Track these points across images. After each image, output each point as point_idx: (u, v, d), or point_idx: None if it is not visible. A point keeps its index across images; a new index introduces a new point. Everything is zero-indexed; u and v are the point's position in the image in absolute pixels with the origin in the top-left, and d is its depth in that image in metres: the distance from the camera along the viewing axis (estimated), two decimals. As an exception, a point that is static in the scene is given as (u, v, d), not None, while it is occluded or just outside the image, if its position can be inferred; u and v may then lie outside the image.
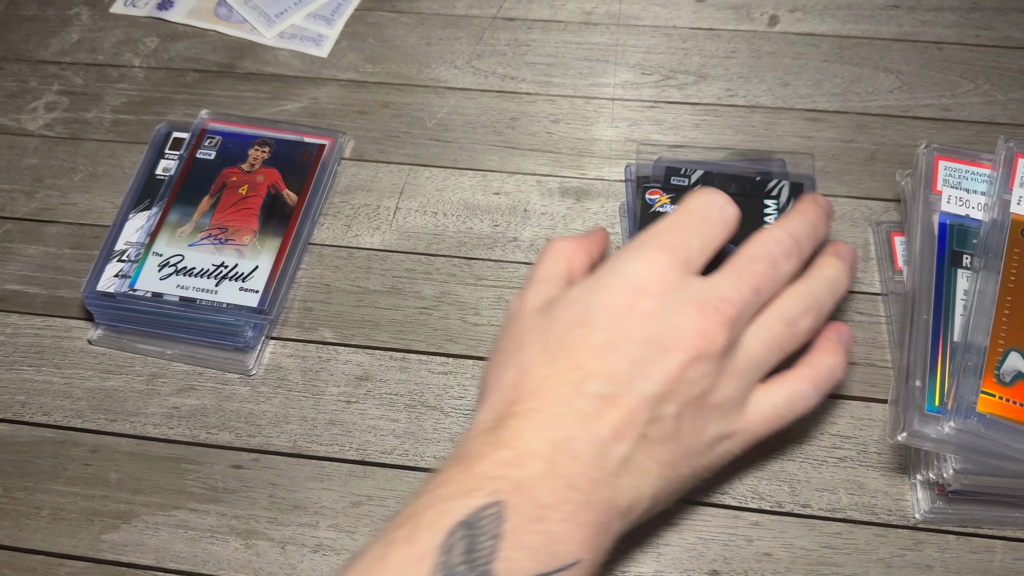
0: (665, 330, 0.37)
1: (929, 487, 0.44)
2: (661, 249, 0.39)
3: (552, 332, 0.38)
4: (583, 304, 0.38)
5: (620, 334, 0.37)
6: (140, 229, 0.52)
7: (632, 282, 0.38)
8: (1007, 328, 0.43)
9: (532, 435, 0.35)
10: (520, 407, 0.36)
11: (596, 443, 0.35)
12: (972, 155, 0.50)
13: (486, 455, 0.35)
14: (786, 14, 0.64)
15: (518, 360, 0.38)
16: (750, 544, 0.44)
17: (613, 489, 0.35)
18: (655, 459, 0.37)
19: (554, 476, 0.34)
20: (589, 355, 0.37)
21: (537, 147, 0.59)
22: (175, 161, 0.55)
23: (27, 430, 0.49)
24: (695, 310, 0.37)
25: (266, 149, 0.55)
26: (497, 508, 0.33)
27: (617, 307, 0.37)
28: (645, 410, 0.36)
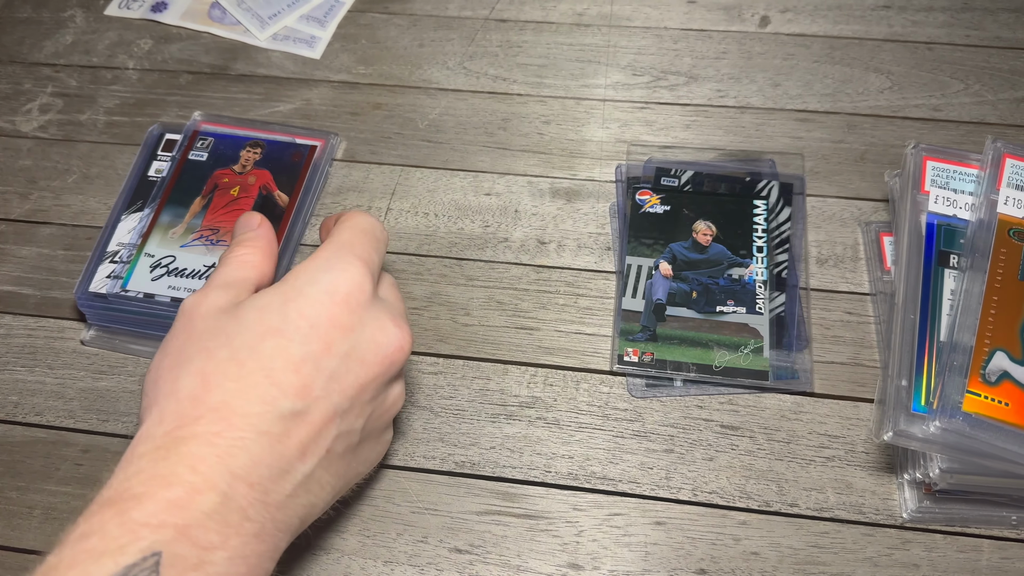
0: (364, 344, 0.36)
1: (916, 486, 0.45)
2: (357, 259, 0.37)
3: (242, 338, 0.35)
4: (278, 312, 0.35)
5: (320, 347, 0.35)
6: (132, 230, 0.53)
7: (334, 293, 0.36)
8: (993, 328, 0.43)
9: (210, 465, 0.31)
10: (199, 428, 0.32)
11: (280, 464, 0.33)
12: (960, 155, 0.50)
13: (149, 495, 0.30)
14: (777, 15, 0.65)
15: (199, 367, 0.34)
16: (738, 543, 0.44)
17: (287, 511, 0.34)
18: (333, 472, 0.36)
19: (227, 510, 0.31)
20: (285, 368, 0.34)
21: (528, 148, 0.59)
22: (167, 163, 0.55)
23: (19, 430, 0.49)
24: (392, 326, 0.37)
25: (258, 150, 0.55)
26: (152, 561, 0.29)
27: (318, 318, 0.35)
28: (335, 425, 0.35)
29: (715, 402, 0.48)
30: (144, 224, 0.53)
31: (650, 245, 0.53)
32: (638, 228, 0.53)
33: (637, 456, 0.47)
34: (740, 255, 0.52)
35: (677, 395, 0.49)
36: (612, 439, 0.47)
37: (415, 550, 0.44)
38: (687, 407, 0.48)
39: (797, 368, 0.48)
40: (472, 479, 0.47)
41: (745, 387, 0.48)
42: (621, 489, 0.46)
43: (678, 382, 0.49)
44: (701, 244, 0.52)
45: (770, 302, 0.50)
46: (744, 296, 0.51)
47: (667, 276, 0.52)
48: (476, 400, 0.49)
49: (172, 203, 0.54)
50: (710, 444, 0.47)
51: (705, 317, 0.50)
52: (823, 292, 0.52)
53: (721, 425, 0.48)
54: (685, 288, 0.51)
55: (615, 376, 0.49)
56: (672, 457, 0.47)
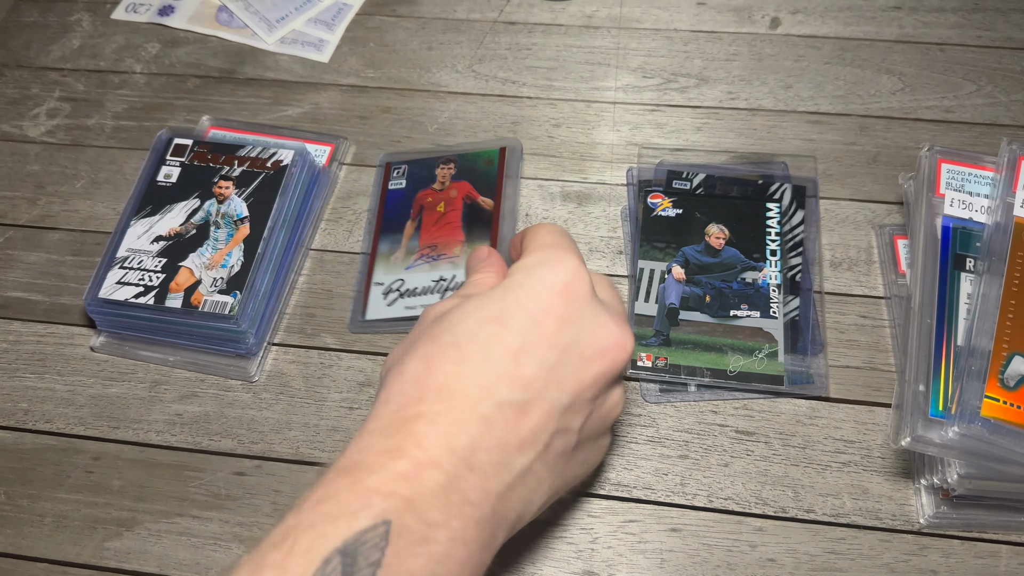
0: (584, 338, 0.35)
1: (933, 492, 0.44)
2: (572, 255, 0.37)
3: (464, 325, 0.35)
4: (499, 302, 0.35)
5: (538, 337, 0.35)
6: (142, 236, 0.52)
7: (551, 284, 0.36)
8: (1011, 332, 0.43)
9: (433, 442, 0.32)
10: (423, 408, 0.33)
11: (500, 452, 0.33)
12: (975, 157, 0.50)
13: (380, 465, 0.32)
14: (787, 16, 0.64)
15: (424, 352, 0.35)
16: (754, 550, 0.44)
17: (506, 501, 0.34)
18: (551, 470, 0.36)
19: (450, 490, 0.32)
20: (503, 356, 0.34)
21: (538, 151, 0.59)
22: (176, 167, 0.55)
23: (30, 437, 0.49)
24: (613, 323, 0.36)
25: (451, 165, 0.56)
26: (382, 529, 0.30)
27: (536, 308, 0.35)
28: (555, 421, 0.35)
29: (730, 407, 0.48)
30: (363, 263, 0.54)
31: (662, 249, 0.52)
32: (650, 232, 0.53)
33: (652, 462, 0.47)
34: (753, 259, 0.52)
35: (691, 400, 0.48)
36: (626, 445, 0.47)
37: (429, 557, 0.44)
38: (701, 412, 0.48)
39: (812, 372, 0.48)
40: (485, 485, 0.46)
41: (760, 392, 0.48)
42: (636, 495, 0.46)
43: (692, 387, 0.48)
44: (714, 248, 0.52)
45: (784, 306, 0.50)
46: (758, 300, 0.50)
47: (680, 280, 0.51)
48: (489, 406, 0.49)
49: (385, 232, 0.55)
50: (725, 450, 0.47)
51: (719, 321, 0.50)
52: (837, 296, 0.51)
53: (736, 430, 0.47)
54: (698, 292, 0.51)
55: (628, 381, 0.49)
56: (687, 463, 0.46)
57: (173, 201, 0.54)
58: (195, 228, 0.52)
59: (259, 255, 0.51)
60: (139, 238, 0.52)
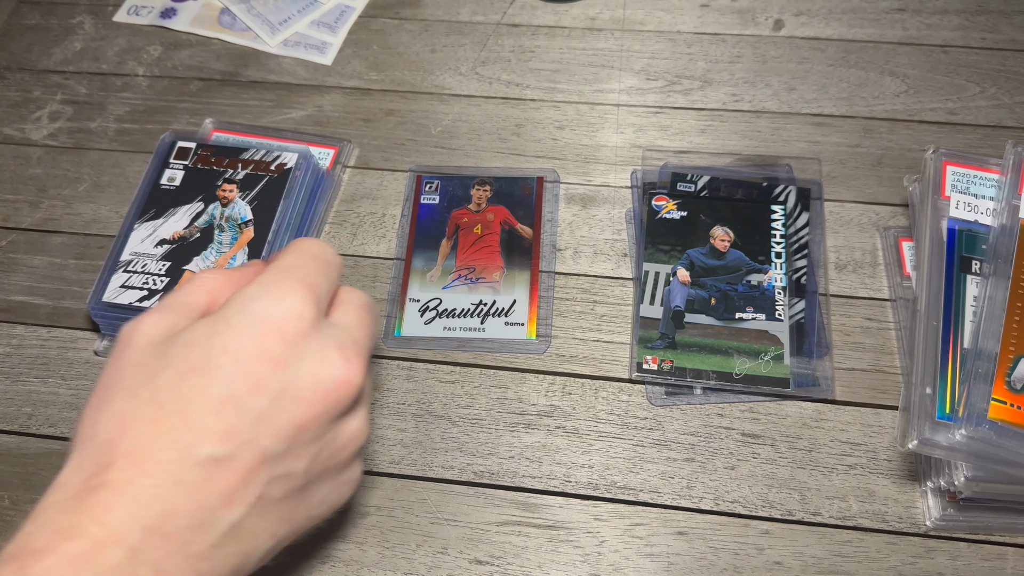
0: (302, 379, 0.32)
1: (940, 494, 0.44)
2: (297, 283, 0.33)
3: (164, 376, 0.32)
4: (203, 347, 0.32)
5: (246, 385, 0.31)
6: (146, 239, 0.52)
7: (265, 322, 0.32)
8: (1017, 334, 0.43)
9: (117, 516, 0.29)
10: (111, 476, 0.30)
11: (200, 514, 0.31)
12: (980, 160, 0.50)
13: (51, 548, 0.28)
14: (791, 18, 0.64)
15: (120, 408, 0.32)
16: (761, 553, 0.44)
17: (213, 561, 0.31)
18: (273, 519, 0.33)
19: (138, 564, 0.29)
20: (205, 410, 0.31)
21: (542, 153, 0.58)
22: (180, 171, 0.55)
23: (33, 442, 0.49)
24: (338, 356, 0.33)
25: (487, 188, 0.56)
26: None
27: (245, 352, 0.32)
28: (266, 470, 0.32)
29: (736, 410, 0.48)
30: (397, 273, 0.54)
31: (667, 251, 0.52)
32: (655, 234, 0.53)
33: (658, 465, 0.47)
34: (759, 261, 0.52)
35: (697, 403, 0.48)
36: (632, 448, 0.47)
37: (435, 561, 0.44)
38: (707, 415, 0.48)
39: (818, 375, 0.48)
40: (491, 489, 0.46)
41: (766, 395, 0.48)
42: (642, 499, 0.46)
43: (698, 390, 0.48)
44: (719, 250, 0.52)
45: (789, 308, 0.50)
46: (763, 303, 0.50)
47: (685, 283, 0.51)
48: (494, 409, 0.49)
49: (419, 248, 0.54)
50: (731, 453, 0.47)
51: (724, 324, 0.50)
52: (843, 298, 0.51)
53: (742, 433, 0.47)
54: (703, 295, 0.51)
55: (634, 384, 0.49)
56: (693, 466, 0.46)
57: (177, 204, 0.53)
58: (199, 231, 0.52)
59: (263, 258, 0.51)
60: (143, 242, 0.52)
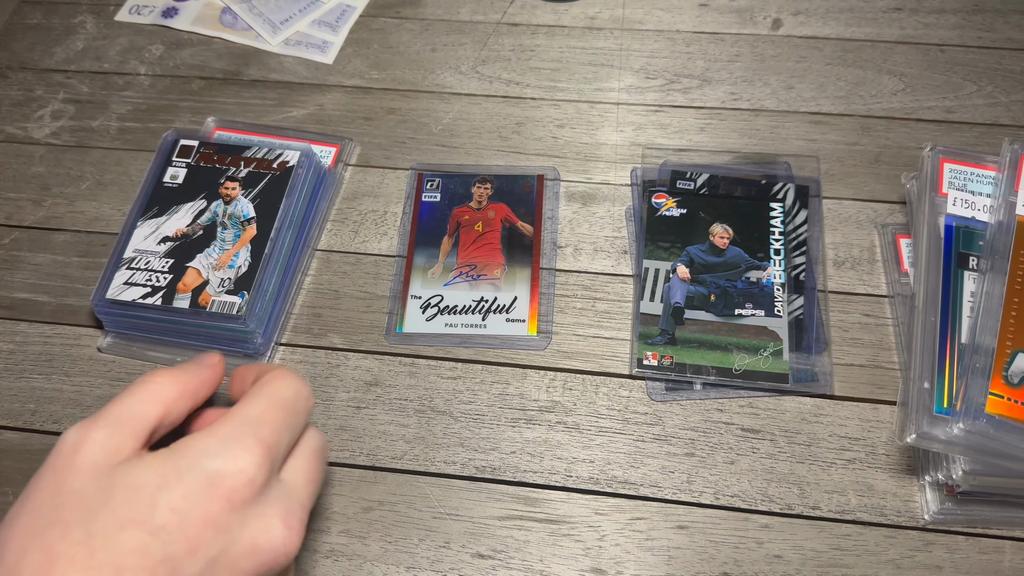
0: (240, 546, 0.32)
1: (938, 488, 0.45)
2: (257, 444, 0.33)
3: (102, 521, 0.31)
4: (149, 499, 0.31)
5: (185, 548, 0.31)
6: (149, 237, 0.52)
7: (215, 486, 0.32)
8: (1015, 329, 0.43)
9: None
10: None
11: None
12: (977, 157, 0.50)
13: None
14: (789, 17, 0.65)
15: (50, 543, 0.30)
16: (760, 546, 0.44)
17: None
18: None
19: None
20: (139, 569, 0.30)
21: (542, 152, 0.59)
22: (183, 168, 0.55)
23: (37, 438, 0.49)
24: (281, 525, 0.33)
25: (487, 186, 0.56)
26: None
27: (188, 514, 0.31)
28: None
29: (735, 405, 0.48)
30: (399, 270, 0.54)
31: (667, 248, 0.53)
32: (655, 231, 0.53)
33: (658, 460, 0.47)
34: (757, 258, 0.52)
35: (697, 398, 0.49)
36: (632, 443, 0.47)
37: (437, 555, 0.44)
38: (707, 410, 0.48)
39: (817, 371, 0.48)
40: (493, 484, 0.46)
41: (765, 390, 0.48)
42: (643, 493, 0.46)
43: (698, 385, 0.49)
44: (718, 247, 0.52)
45: (788, 305, 0.50)
46: (762, 299, 0.51)
47: (685, 279, 0.52)
48: (495, 405, 0.49)
49: (420, 245, 0.55)
50: (731, 447, 0.47)
51: (724, 320, 0.50)
52: (841, 294, 0.52)
53: (742, 428, 0.48)
54: (703, 291, 0.51)
55: (634, 380, 0.49)
56: (693, 461, 0.47)
57: (180, 202, 0.54)
58: (202, 229, 0.53)
59: (266, 255, 0.51)
60: (146, 239, 0.52)
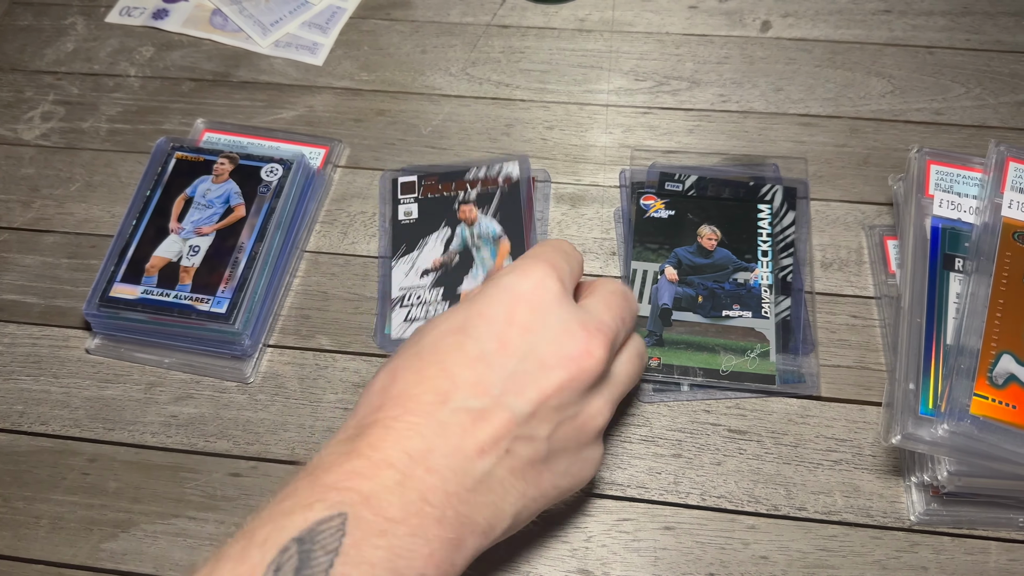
0: (546, 345, 0.36)
1: (924, 489, 0.45)
2: (539, 261, 0.38)
3: (428, 337, 0.37)
4: (462, 313, 0.37)
5: (496, 345, 0.35)
6: (409, 273, 0.53)
7: (513, 292, 0.37)
8: (999, 331, 0.43)
9: (388, 444, 0.33)
10: (381, 415, 0.34)
11: (457, 457, 0.34)
12: (963, 159, 0.50)
13: (337, 465, 0.33)
14: (778, 19, 0.65)
15: (392, 365, 0.37)
16: (747, 547, 0.44)
17: (470, 505, 0.34)
18: (520, 477, 0.36)
19: (407, 488, 0.32)
20: (460, 364, 0.35)
21: (532, 153, 0.59)
22: (414, 204, 0.54)
23: (25, 439, 0.49)
24: (580, 328, 0.36)
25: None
26: (339, 520, 0.31)
27: (496, 316, 0.36)
28: (514, 427, 0.35)
29: (722, 406, 0.48)
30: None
31: (655, 250, 0.53)
32: (643, 233, 0.53)
33: (645, 461, 0.47)
34: (745, 259, 0.52)
35: (684, 400, 0.49)
36: (620, 444, 0.47)
37: (424, 557, 0.44)
38: (694, 411, 0.48)
39: (803, 372, 0.49)
40: (480, 485, 0.46)
41: (752, 391, 0.48)
42: (630, 494, 0.46)
43: (685, 387, 0.49)
44: (706, 249, 0.53)
45: (776, 306, 0.51)
46: (750, 300, 0.51)
47: (673, 281, 0.52)
48: (483, 406, 0.49)
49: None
50: (718, 448, 0.47)
51: (711, 322, 0.50)
52: (828, 296, 0.52)
53: (728, 429, 0.48)
54: (691, 293, 0.51)
55: (622, 381, 0.49)
56: (680, 462, 0.47)
57: (424, 235, 0.54)
58: (457, 255, 0.53)
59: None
60: (406, 276, 0.53)
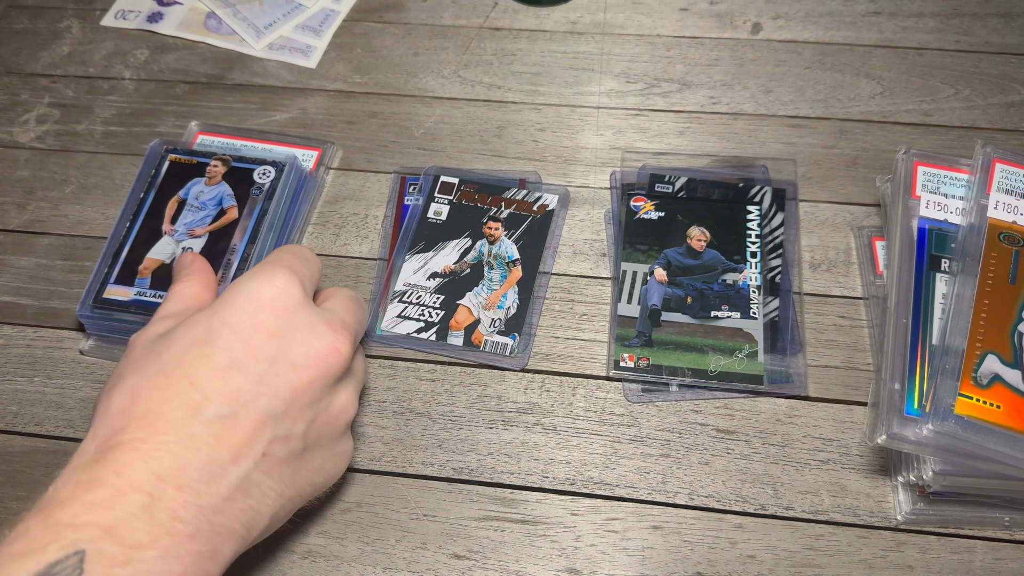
0: (295, 347, 0.37)
1: (910, 488, 0.45)
2: (281, 268, 0.38)
3: (170, 352, 0.36)
4: (204, 325, 0.36)
5: (246, 352, 0.35)
6: (418, 271, 0.52)
7: (257, 299, 0.37)
8: (984, 331, 0.44)
9: (135, 468, 0.32)
10: (125, 436, 0.33)
11: (211, 467, 0.33)
12: (950, 160, 0.51)
13: (74, 498, 0.31)
14: (768, 21, 0.65)
15: (131, 383, 0.35)
16: (734, 546, 0.45)
17: (226, 514, 0.34)
18: (277, 478, 0.36)
19: (155, 511, 0.31)
20: (210, 375, 0.35)
21: (524, 155, 0.59)
22: (446, 206, 0.55)
23: (19, 440, 0.50)
24: (325, 327, 0.38)
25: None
26: (75, 559, 0.29)
27: (242, 325, 0.36)
28: (268, 428, 0.35)
29: (711, 406, 0.49)
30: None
31: (645, 251, 0.53)
32: (633, 234, 0.54)
33: (634, 461, 0.47)
34: (734, 260, 0.52)
35: (673, 400, 0.49)
36: (609, 444, 0.48)
37: (414, 556, 0.45)
38: (683, 412, 0.49)
39: (791, 372, 0.49)
40: (470, 485, 0.47)
41: (740, 391, 0.49)
42: (618, 494, 0.46)
43: (674, 387, 0.49)
44: (695, 250, 0.53)
45: (764, 307, 0.51)
46: (738, 301, 0.51)
47: (662, 282, 0.52)
48: (474, 406, 0.49)
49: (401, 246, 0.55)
50: (706, 448, 0.47)
51: (700, 322, 0.51)
52: (816, 296, 0.52)
53: (717, 429, 0.48)
54: (680, 293, 0.52)
55: (611, 381, 0.50)
56: (668, 461, 0.47)
57: (445, 239, 0.55)
58: (469, 268, 0.53)
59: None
60: (415, 273, 0.53)
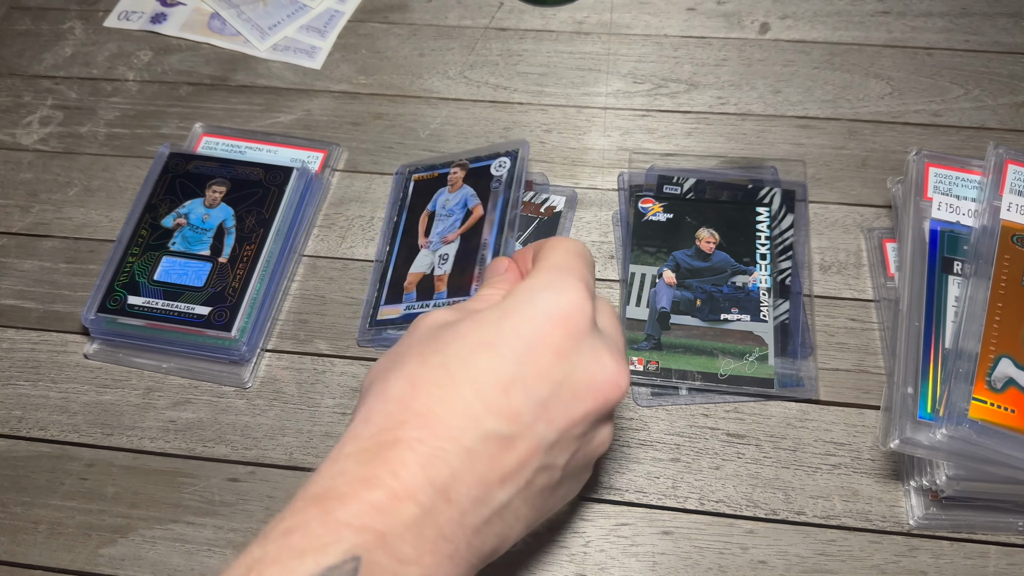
0: (578, 374, 0.34)
1: (923, 493, 0.45)
2: (579, 281, 0.35)
3: (455, 347, 0.34)
4: (494, 327, 0.34)
5: (530, 370, 0.33)
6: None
7: (551, 313, 0.34)
8: (998, 334, 0.43)
9: (412, 472, 0.31)
10: (404, 433, 0.32)
11: (480, 487, 0.32)
12: (962, 161, 0.50)
13: (353, 495, 0.30)
14: (776, 21, 0.65)
15: (411, 371, 0.34)
16: (745, 552, 0.44)
17: (482, 536, 0.33)
18: (531, 507, 0.35)
19: (425, 525, 0.31)
20: (493, 386, 0.33)
21: (530, 157, 0.59)
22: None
23: (23, 445, 0.49)
24: (609, 357, 0.35)
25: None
26: (351, 566, 0.29)
27: (532, 337, 0.33)
28: (540, 457, 0.33)
29: (720, 410, 0.48)
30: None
31: (653, 253, 0.53)
32: (641, 236, 0.53)
33: (643, 465, 0.47)
34: (743, 262, 0.52)
35: (682, 404, 0.49)
36: (618, 448, 0.47)
37: (422, 562, 0.44)
38: (693, 416, 0.48)
39: (802, 375, 0.48)
40: (478, 490, 0.46)
41: (750, 395, 0.48)
42: (628, 499, 0.46)
43: (683, 391, 0.49)
44: (704, 252, 0.53)
45: (774, 309, 0.50)
46: (748, 304, 0.51)
47: (671, 284, 0.52)
48: (481, 410, 0.49)
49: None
50: (716, 453, 0.47)
51: (709, 325, 0.50)
52: (827, 299, 0.52)
53: (727, 433, 0.48)
54: (689, 296, 0.51)
55: (620, 385, 0.49)
56: (679, 466, 0.47)
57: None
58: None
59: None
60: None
